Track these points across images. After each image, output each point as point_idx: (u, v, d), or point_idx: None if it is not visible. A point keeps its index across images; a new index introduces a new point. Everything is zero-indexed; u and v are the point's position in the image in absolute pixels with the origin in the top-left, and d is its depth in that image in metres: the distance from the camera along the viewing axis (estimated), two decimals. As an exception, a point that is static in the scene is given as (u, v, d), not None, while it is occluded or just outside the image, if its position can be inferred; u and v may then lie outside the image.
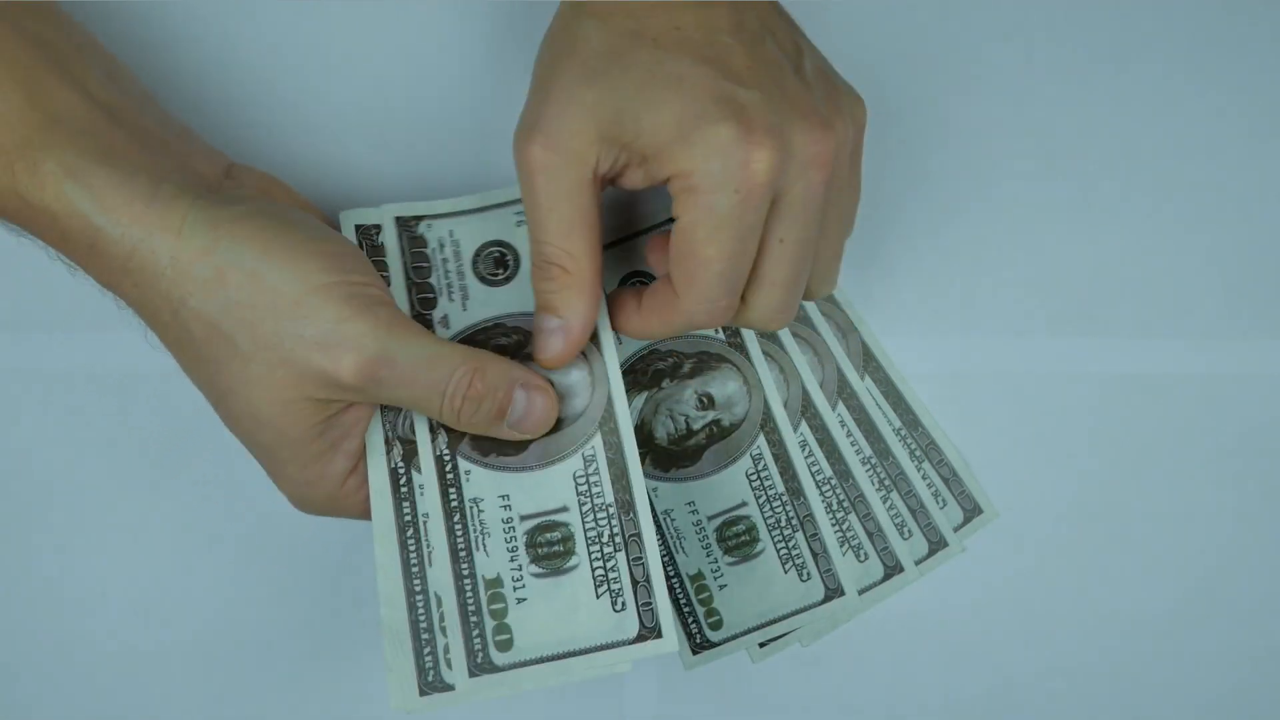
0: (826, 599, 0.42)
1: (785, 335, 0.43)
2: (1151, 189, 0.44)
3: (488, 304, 0.39)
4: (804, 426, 0.43)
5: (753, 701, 0.43)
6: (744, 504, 0.41)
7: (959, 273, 0.44)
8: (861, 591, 0.42)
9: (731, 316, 0.35)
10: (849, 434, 0.43)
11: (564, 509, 0.36)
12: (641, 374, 0.41)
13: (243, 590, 0.42)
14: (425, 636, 0.35)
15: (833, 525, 0.43)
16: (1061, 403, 0.44)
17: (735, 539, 0.40)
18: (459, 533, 0.36)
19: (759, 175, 0.31)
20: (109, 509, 0.42)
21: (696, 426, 0.41)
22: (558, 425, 0.37)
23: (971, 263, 0.44)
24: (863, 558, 0.43)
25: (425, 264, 0.40)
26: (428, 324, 0.39)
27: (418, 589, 0.35)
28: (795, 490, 0.42)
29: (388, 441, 0.36)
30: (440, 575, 0.35)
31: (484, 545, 0.35)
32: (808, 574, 0.42)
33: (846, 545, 0.43)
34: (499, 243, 0.40)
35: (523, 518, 0.36)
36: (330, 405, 0.33)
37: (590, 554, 0.36)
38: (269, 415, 0.33)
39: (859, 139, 0.36)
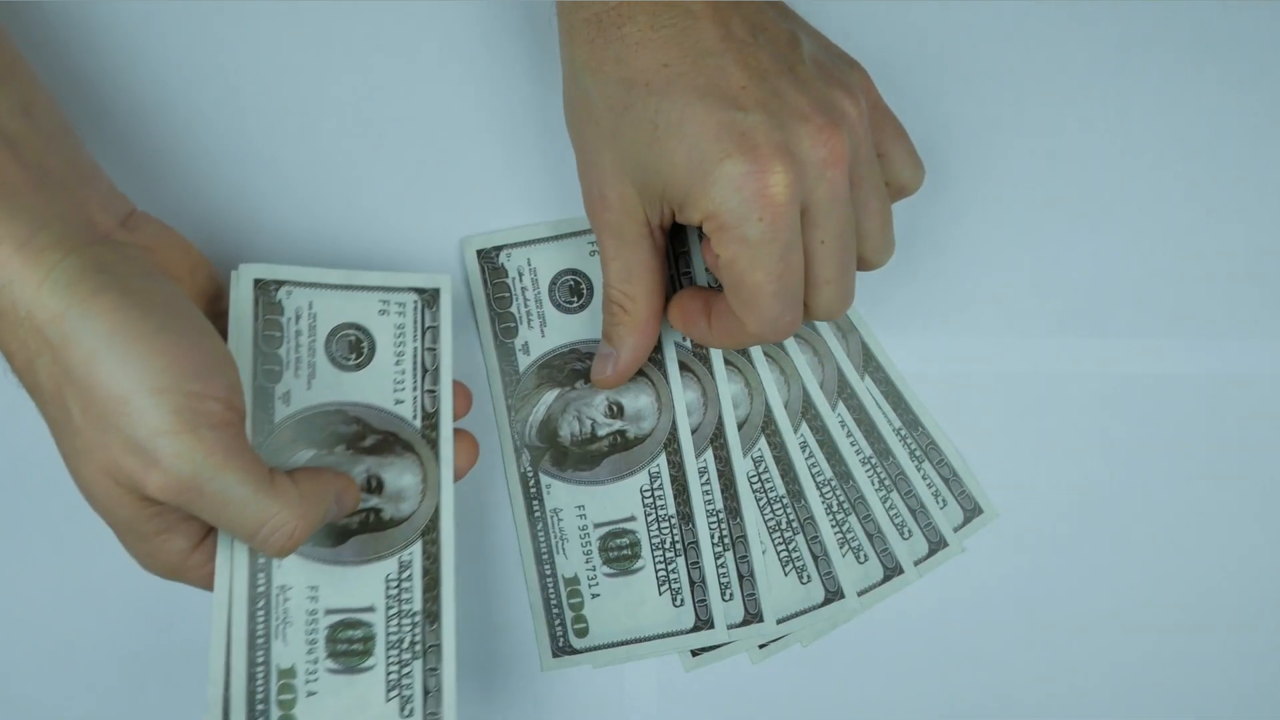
0: (826, 601, 0.42)
1: (785, 336, 0.43)
2: (1152, 189, 0.44)
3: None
4: (804, 428, 0.43)
5: (753, 701, 0.43)
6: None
7: (959, 273, 0.44)
8: (861, 593, 0.43)
9: (800, 324, 0.36)
10: (849, 434, 0.43)
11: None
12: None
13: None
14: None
15: (833, 527, 0.43)
16: (1061, 403, 0.44)
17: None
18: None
19: (779, 197, 0.32)
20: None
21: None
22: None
23: (971, 263, 0.44)
24: (862, 559, 0.43)
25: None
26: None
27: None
28: (796, 492, 0.43)
29: None
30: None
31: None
32: (808, 576, 0.42)
33: (846, 547, 0.43)
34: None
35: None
36: (151, 500, 0.32)
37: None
38: (97, 491, 0.32)
39: (874, 102, 0.37)
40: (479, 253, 0.42)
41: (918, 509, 0.43)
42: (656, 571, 0.42)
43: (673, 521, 0.42)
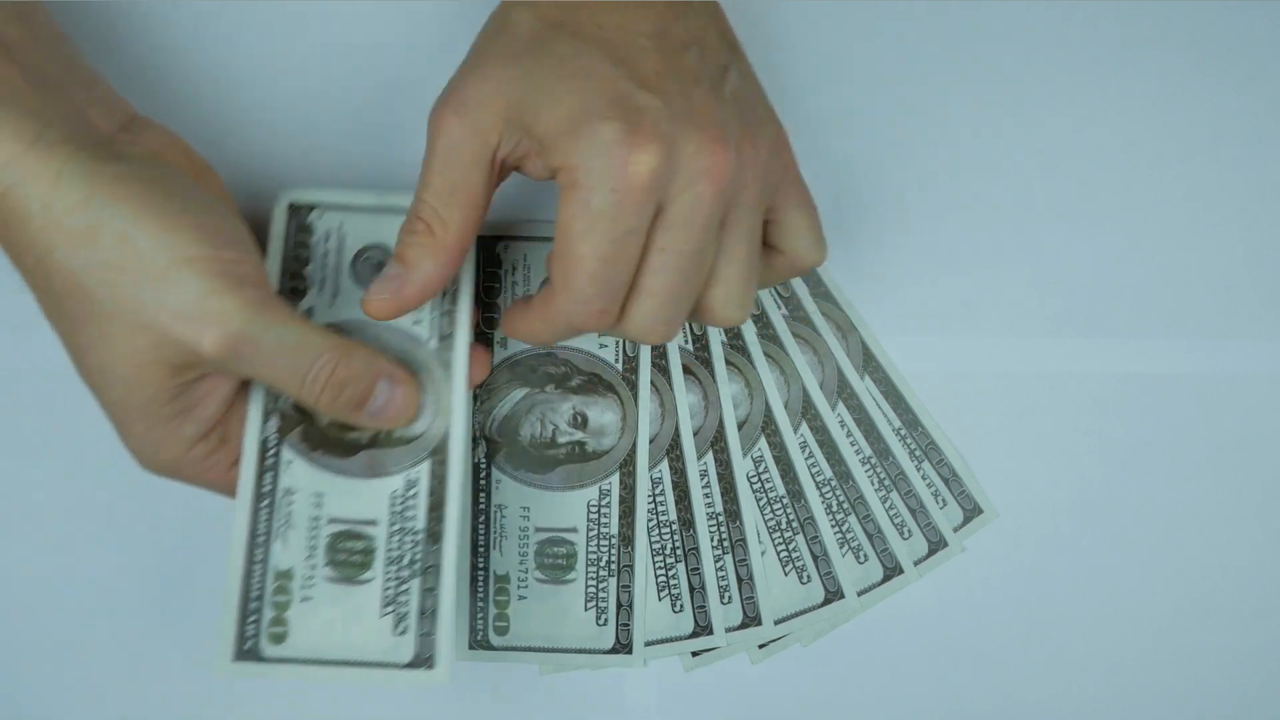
0: (826, 601, 0.42)
1: (785, 335, 0.43)
2: (1151, 189, 0.44)
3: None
4: (804, 428, 0.43)
5: (753, 702, 0.43)
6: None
7: (959, 273, 0.44)
8: (861, 593, 0.43)
9: (610, 324, 0.34)
10: (849, 434, 0.44)
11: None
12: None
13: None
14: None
15: (832, 527, 0.43)
16: (1061, 403, 0.44)
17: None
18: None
19: (637, 178, 0.31)
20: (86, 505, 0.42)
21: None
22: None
23: (971, 263, 0.44)
24: (862, 559, 0.43)
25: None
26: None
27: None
28: (795, 492, 0.43)
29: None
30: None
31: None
32: (808, 576, 0.43)
33: (846, 547, 0.43)
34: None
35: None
36: (186, 372, 0.33)
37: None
38: (122, 374, 0.32)
39: (785, 164, 0.36)
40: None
41: (917, 509, 0.43)
42: (656, 577, 0.42)
43: (673, 527, 0.42)
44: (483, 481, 0.42)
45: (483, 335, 0.42)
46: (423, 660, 0.36)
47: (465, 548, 0.39)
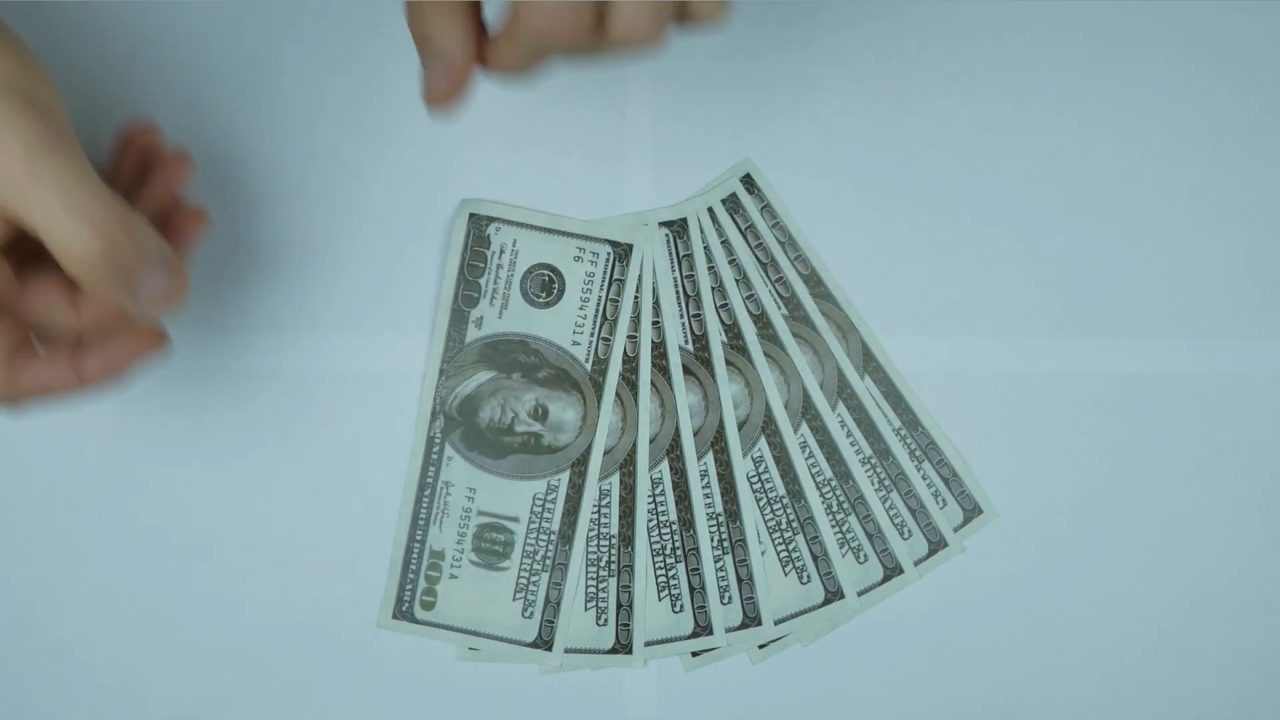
0: (826, 601, 0.42)
1: (785, 335, 0.43)
2: (1151, 189, 0.44)
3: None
4: (804, 428, 0.43)
5: (753, 702, 0.43)
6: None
7: (959, 273, 0.44)
8: (861, 593, 0.43)
9: (587, 23, 0.28)
10: (849, 434, 0.43)
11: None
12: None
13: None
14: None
15: (832, 527, 0.43)
16: (1061, 403, 0.44)
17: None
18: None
19: None
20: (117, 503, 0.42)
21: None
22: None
23: (971, 263, 0.44)
24: (862, 559, 0.43)
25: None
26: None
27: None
28: (796, 493, 0.43)
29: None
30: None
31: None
32: (808, 576, 0.43)
33: (846, 547, 0.43)
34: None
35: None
36: None
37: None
38: None
39: None
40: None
41: (918, 509, 0.43)
42: (656, 577, 0.42)
43: (673, 527, 0.42)
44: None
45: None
46: (544, 642, 0.41)
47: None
